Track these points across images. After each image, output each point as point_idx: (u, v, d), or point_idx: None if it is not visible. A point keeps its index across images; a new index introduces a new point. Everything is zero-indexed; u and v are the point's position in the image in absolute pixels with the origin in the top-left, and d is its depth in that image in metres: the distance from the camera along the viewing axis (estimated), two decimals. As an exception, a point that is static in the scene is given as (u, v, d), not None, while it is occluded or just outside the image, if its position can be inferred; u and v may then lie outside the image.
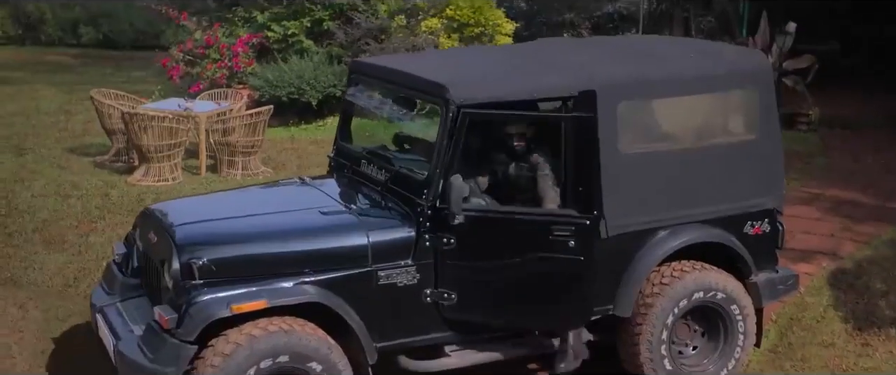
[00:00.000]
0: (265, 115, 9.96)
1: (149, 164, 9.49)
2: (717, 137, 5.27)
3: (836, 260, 7.53)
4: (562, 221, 4.66)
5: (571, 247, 4.63)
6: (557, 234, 4.63)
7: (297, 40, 12.48)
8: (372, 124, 7.99)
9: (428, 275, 4.78)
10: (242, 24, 12.91)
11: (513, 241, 4.76)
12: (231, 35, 12.73)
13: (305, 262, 4.64)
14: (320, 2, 12.32)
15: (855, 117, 12.70)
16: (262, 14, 12.68)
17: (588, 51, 5.52)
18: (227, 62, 12.35)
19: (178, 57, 12.65)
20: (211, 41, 12.55)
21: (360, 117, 6.13)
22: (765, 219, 5.38)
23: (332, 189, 5.33)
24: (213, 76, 12.31)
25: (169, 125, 9.46)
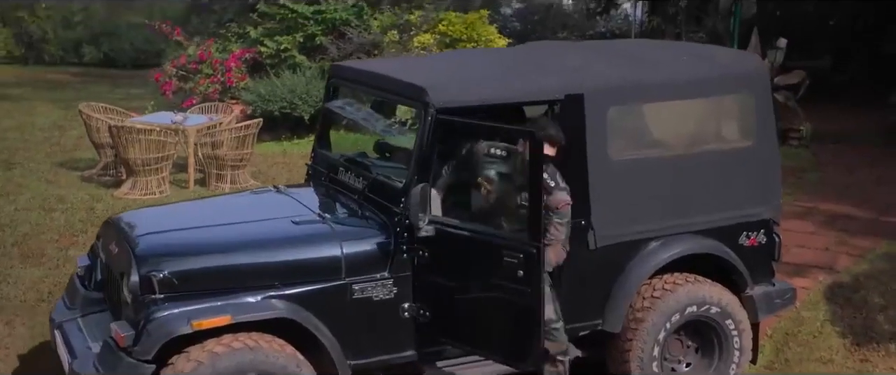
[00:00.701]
0: (254, 129, 9.58)
1: (136, 178, 9.11)
2: (712, 144, 4.87)
3: (832, 274, 7.12)
4: (512, 246, 4.14)
5: (520, 277, 4.11)
6: (508, 260, 4.12)
7: (289, 55, 12.13)
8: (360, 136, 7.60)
9: (405, 289, 4.37)
10: (236, 40, 12.55)
11: (473, 260, 4.30)
12: (224, 50, 12.38)
13: (275, 275, 4.23)
14: (313, 17, 11.95)
15: (847, 132, 12.35)
16: (255, 29, 12.33)
17: (578, 54, 5.12)
18: (220, 77, 11.98)
19: (172, 72, 12.28)
20: (204, 56, 12.20)
21: (341, 125, 5.69)
22: (761, 230, 4.97)
23: (307, 198, 4.92)
24: (206, 91, 11.94)
25: (156, 138, 9.08)
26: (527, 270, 4.04)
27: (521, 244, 4.07)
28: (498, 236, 4.21)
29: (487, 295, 4.22)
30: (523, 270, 4.04)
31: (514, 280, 4.07)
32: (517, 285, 4.07)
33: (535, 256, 4.00)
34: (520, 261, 4.04)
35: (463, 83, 4.54)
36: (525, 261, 4.03)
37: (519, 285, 4.07)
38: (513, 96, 4.46)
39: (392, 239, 4.35)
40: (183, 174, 9.70)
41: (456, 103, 4.30)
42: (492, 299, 4.21)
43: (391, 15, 12.23)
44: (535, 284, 4.03)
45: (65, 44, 20.86)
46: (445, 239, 4.25)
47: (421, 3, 12.40)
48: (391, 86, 4.68)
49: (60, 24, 20.82)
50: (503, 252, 4.09)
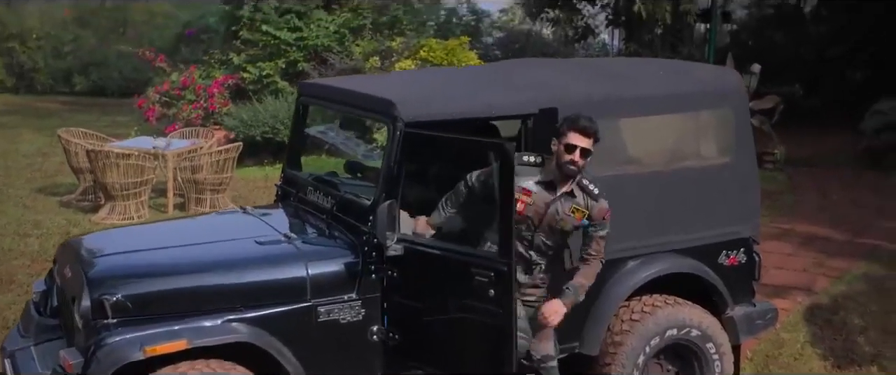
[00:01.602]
0: (234, 153, 9.25)
1: (114, 203, 8.75)
2: (690, 160, 4.55)
3: (810, 296, 6.85)
4: (482, 264, 3.78)
5: (491, 297, 3.75)
6: (479, 279, 3.77)
7: (272, 81, 11.83)
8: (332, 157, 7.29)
9: (374, 311, 4.02)
10: (219, 66, 12.24)
11: (443, 280, 3.95)
12: (208, 77, 12.07)
13: (236, 297, 3.87)
14: (296, 43, 11.67)
15: (819, 156, 12.19)
16: (238, 56, 12.03)
17: (553, 69, 4.82)
18: (203, 103, 11.67)
19: (155, 98, 11.94)
20: (187, 82, 11.87)
21: (312, 146, 5.37)
22: (741, 249, 4.66)
23: (274, 218, 4.56)
24: (189, 117, 11.61)
25: (135, 163, 8.73)
26: (498, 290, 3.70)
27: (491, 262, 3.74)
28: (468, 254, 3.87)
29: (458, 317, 3.87)
30: (494, 290, 3.70)
31: (485, 300, 3.73)
32: (488, 306, 3.73)
33: (507, 274, 3.67)
34: (491, 280, 3.71)
35: (433, 97, 4.23)
36: (496, 280, 3.69)
37: (490, 306, 3.73)
38: (484, 110, 4.15)
39: (360, 259, 4.01)
40: (163, 198, 9.35)
41: (425, 117, 3.99)
42: (463, 321, 3.86)
43: (373, 41, 11.97)
44: (507, 304, 3.69)
45: (55, 73, 20.56)
46: (415, 259, 3.92)
47: (402, 30, 12.15)
48: (360, 101, 4.37)
49: (51, 53, 20.53)
50: (473, 270, 3.76)
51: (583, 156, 3.84)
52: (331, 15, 12.01)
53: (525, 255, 3.97)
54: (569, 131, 3.83)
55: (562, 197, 3.94)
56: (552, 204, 3.92)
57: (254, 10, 11.86)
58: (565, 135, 3.84)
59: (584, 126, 3.82)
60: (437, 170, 4.52)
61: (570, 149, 3.84)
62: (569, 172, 3.88)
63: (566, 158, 3.84)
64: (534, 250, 3.99)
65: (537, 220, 3.93)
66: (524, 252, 3.97)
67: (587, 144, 3.84)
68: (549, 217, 3.93)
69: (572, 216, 3.94)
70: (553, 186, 3.93)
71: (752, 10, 17.36)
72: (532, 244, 3.97)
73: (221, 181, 9.11)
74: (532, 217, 3.92)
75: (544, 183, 3.93)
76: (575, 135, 3.82)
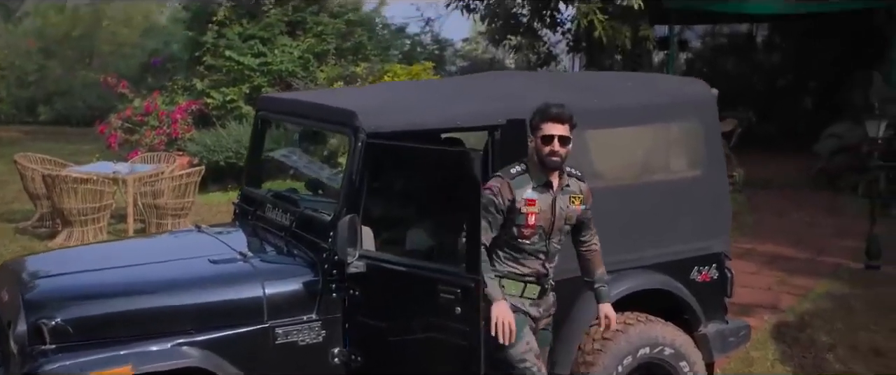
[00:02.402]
0: (196, 177, 8.86)
1: (72, 229, 8.32)
2: (659, 173, 4.31)
3: (777, 314, 6.64)
4: (448, 281, 3.48)
5: (457, 315, 3.45)
6: (444, 296, 3.47)
7: (235, 107, 11.48)
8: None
9: (335, 332, 3.70)
10: (182, 92, 11.86)
11: (408, 298, 3.64)
12: (171, 103, 11.67)
13: (187, 319, 3.53)
14: (259, 69, 11.35)
15: (776, 178, 12.10)
16: (201, 82, 11.66)
17: (521, 81, 4.57)
18: (166, 129, 11.26)
19: (117, 124, 11.51)
20: (150, 108, 11.47)
21: (270, 162, 5.06)
22: (712, 264, 4.42)
23: (230, 237, 4.24)
24: (152, 143, 11.20)
25: (93, 187, 8.31)
26: (465, 307, 3.40)
27: (458, 278, 3.44)
28: (434, 270, 3.57)
29: (424, 337, 3.56)
30: (461, 307, 3.40)
31: (451, 318, 3.43)
32: (455, 324, 3.43)
33: (474, 291, 3.37)
34: (457, 298, 3.41)
35: (396, 108, 3.96)
36: (463, 298, 3.39)
37: (457, 324, 3.43)
38: (450, 121, 3.88)
39: (320, 277, 3.69)
40: (123, 224, 8.91)
41: (388, 128, 3.70)
42: (428, 341, 3.55)
43: (337, 66, 11.69)
44: (474, 323, 3.39)
45: (18, 102, 19.95)
46: (378, 276, 3.61)
47: (367, 56, 11.88)
48: (320, 113, 4.08)
49: (15, 83, 19.92)
50: (439, 287, 3.46)
51: (562, 144, 3.54)
52: (295, 41, 11.71)
53: (542, 270, 3.67)
54: (541, 123, 3.55)
55: (560, 192, 3.65)
56: (556, 204, 3.63)
57: (217, 36, 11.53)
58: (539, 128, 3.55)
59: (556, 113, 3.53)
60: (400, 183, 4.23)
61: (547, 140, 3.53)
62: (553, 164, 3.56)
63: (546, 151, 3.53)
64: (549, 260, 3.69)
65: (548, 227, 3.63)
66: (541, 267, 3.67)
67: (563, 131, 3.54)
68: (558, 218, 3.64)
69: (574, 205, 3.68)
70: (549, 185, 3.63)
71: (706, 39, 17.42)
72: (548, 254, 3.68)
73: (183, 206, 8.71)
74: (543, 225, 3.62)
75: (539, 186, 3.61)
76: (549, 125, 3.53)
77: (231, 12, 11.44)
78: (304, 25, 11.55)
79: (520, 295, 3.65)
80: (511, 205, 3.54)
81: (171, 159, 10.01)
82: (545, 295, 3.73)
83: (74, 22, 22.01)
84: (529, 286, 3.67)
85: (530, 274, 3.66)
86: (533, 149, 3.60)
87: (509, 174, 3.59)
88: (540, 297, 3.71)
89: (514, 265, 3.64)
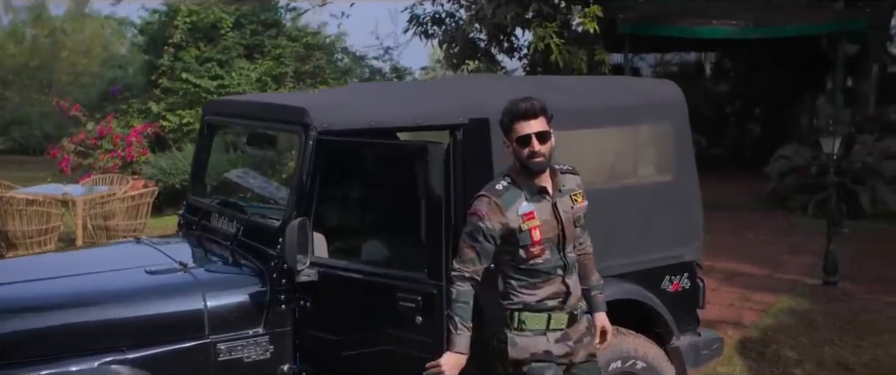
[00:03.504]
0: (148, 198, 8.38)
1: (17, 252, 7.73)
2: (629, 178, 3.97)
3: (740, 330, 6.34)
4: (408, 288, 3.09)
5: (418, 325, 3.08)
6: (404, 304, 3.07)
7: (192, 129, 10.96)
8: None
9: (284, 347, 3.29)
10: (137, 115, 11.32)
11: (364, 308, 3.25)
12: (126, 126, 11.13)
13: (119, 335, 3.09)
14: (216, 91, 10.89)
15: (728, 200, 11.93)
16: (157, 104, 11.14)
17: (485, 82, 4.22)
18: (121, 152, 10.70)
19: (70, 148, 10.93)
20: (104, 132, 10.92)
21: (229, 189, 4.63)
22: (684, 273, 4.07)
23: (172, 247, 3.80)
24: (106, 166, 10.63)
25: (40, 209, 7.77)
26: (426, 317, 3.00)
27: (418, 284, 3.04)
28: (392, 276, 3.17)
29: (382, 350, 3.15)
30: (422, 316, 3.01)
31: (412, 329, 3.03)
32: (416, 335, 3.03)
33: (436, 298, 2.97)
34: (418, 305, 3.01)
35: (350, 105, 3.57)
36: (423, 305, 3.00)
37: (418, 335, 3.02)
38: (408, 119, 3.50)
39: (268, 288, 3.28)
40: (72, 247, 8.35)
41: (341, 125, 3.32)
42: (387, 355, 3.15)
43: (296, 89, 11.27)
44: (437, 332, 2.99)
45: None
46: (331, 285, 3.20)
47: (325, 79, 11.48)
48: (268, 113, 3.68)
49: (-30, 113, 19.18)
50: (398, 295, 3.05)
51: (542, 142, 3.00)
52: (253, 63, 11.27)
53: (563, 288, 3.11)
54: (512, 123, 3.03)
55: (558, 195, 3.12)
56: (557, 209, 3.10)
57: (174, 59, 11.05)
58: (511, 130, 3.03)
59: (525, 108, 3.00)
60: (355, 184, 3.84)
61: (523, 141, 3.00)
62: (538, 166, 3.02)
63: (525, 154, 3.00)
64: (569, 275, 3.12)
65: (558, 237, 3.09)
66: (562, 284, 3.10)
67: (539, 126, 3.01)
68: (566, 224, 3.10)
69: (578, 204, 3.19)
70: (543, 191, 3.09)
71: (657, 68, 17.39)
72: (567, 267, 3.11)
73: (135, 227, 8.20)
74: (552, 237, 3.06)
75: (533, 195, 3.07)
76: (521, 124, 3.00)
77: (188, 35, 10.97)
78: (263, 48, 11.13)
79: (545, 329, 3.07)
80: (505, 228, 2.99)
81: (124, 181, 9.49)
82: (576, 323, 3.15)
83: (33, 52, 21.32)
84: (554, 315, 3.08)
85: (552, 298, 3.09)
86: (510, 154, 3.09)
87: (495, 192, 3.03)
88: (570, 326, 3.13)
89: (532, 292, 3.06)
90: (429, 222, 3.08)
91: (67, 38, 21.92)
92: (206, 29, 11.11)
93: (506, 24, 10.94)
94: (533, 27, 10.69)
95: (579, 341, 3.16)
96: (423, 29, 12.28)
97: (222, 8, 11.17)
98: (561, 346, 3.09)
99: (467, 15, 11.82)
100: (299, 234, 3.10)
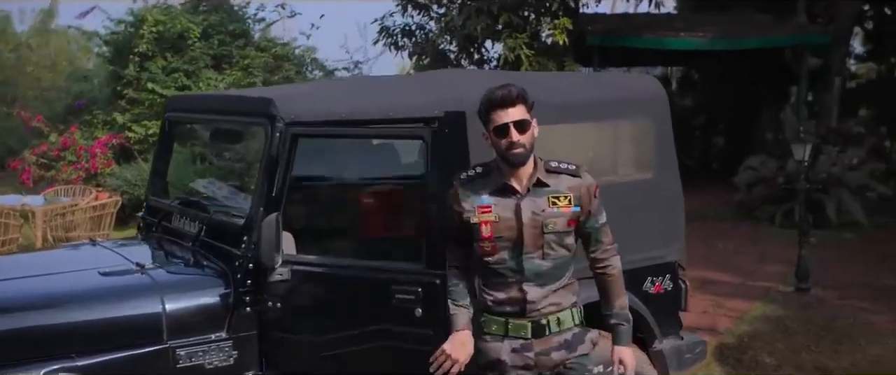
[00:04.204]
0: (111, 209, 8.04)
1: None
2: (609, 175, 3.77)
3: (716, 336, 6.18)
4: (403, 279, 2.89)
5: (418, 318, 2.88)
6: (400, 297, 2.87)
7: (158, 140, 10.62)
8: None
9: (249, 352, 3.04)
10: (102, 126, 10.96)
11: (348, 306, 3.03)
12: (90, 137, 10.76)
13: (68, 341, 2.83)
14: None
15: (697, 210, 11.78)
16: (122, 115, 10.78)
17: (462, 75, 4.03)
18: (85, 163, 10.33)
19: (32, 160, 10.53)
20: (67, 143, 10.54)
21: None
22: (666, 275, 3.91)
23: (129, 249, 3.55)
24: (69, 178, 10.25)
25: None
26: (426, 308, 2.80)
27: (417, 275, 2.83)
28: (383, 269, 2.94)
29: (369, 349, 2.92)
30: (422, 308, 2.80)
31: (411, 322, 2.82)
32: (415, 329, 2.82)
33: (438, 288, 2.76)
34: (417, 298, 2.80)
35: (319, 97, 3.36)
36: (423, 297, 2.80)
37: (418, 329, 2.82)
38: (380, 111, 3.27)
39: (231, 290, 3.03)
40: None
41: (309, 116, 3.10)
42: (376, 354, 2.92)
43: (263, 101, 10.99)
44: (439, 324, 2.76)
45: (-66, 147, 18.51)
46: (306, 284, 2.96)
47: (293, 90, 11.21)
48: (233, 106, 3.46)
49: (-70, 128, 18.50)
50: (392, 288, 2.83)
51: (521, 131, 2.76)
52: (221, 74, 10.98)
53: (519, 296, 2.81)
54: (489, 112, 2.80)
55: (529, 193, 2.82)
56: (521, 207, 2.80)
57: (140, 69, 10.72)
58: (488, 120, 2.80)
59: (501, 95, 2.77)
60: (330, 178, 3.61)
61: (501, 131, 2.76)
62: (517, 159, 2.77)
63: (503, 144, 2.76)
64: (534, 282, 2.81)
65: (515, 238, 2.79)
66: (518, 292, 2.80)
67: (518, 115, 2.76)
68: (529, 225, 2.79)
69: (558, 208, 2.82)
70: (511, 189, 2.82)
71: (624, 82, 17.42)
72: (524, 273, 2.80)
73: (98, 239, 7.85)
74: (505, 236, 2.79)
75: (499, 189, 2.82)
76: (498, 113, 2.77)
77: (154, 45, 10.66)
78: (231, 59, 10.85)
79: (503, 335, 2.80)
80: (461, 217, 2.79)
81: (87, 192, 9.14)
82: (546, 335, 2.82)
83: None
84: (513, 322, 2.80)
85: (508, 303, 2.80)
86: (489, 145, 2.85)
87: (459, 180, 2.84)
88: (536, 336, 2.80)
89: (491, 293, 2.81)
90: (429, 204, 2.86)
91: (32, 53, 21.36)
92: (173, 39, 10.80)
93: (476, 36, 10.80)
94: (503, 38, 10.56)
95: (546, 354, 2.83)
96: (393, 41, 12.11)
97: (189, 18, 10.88)
98: (518, 356, 2.80)
99: (437, 27, 11.66)
100: (276, 230, 2.86)
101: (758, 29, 12.02)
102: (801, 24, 12.39)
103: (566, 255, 2.86)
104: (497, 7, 10.40)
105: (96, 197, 8.75)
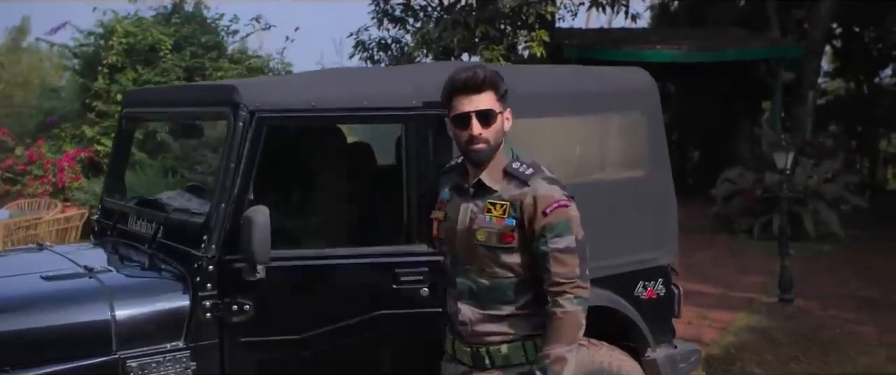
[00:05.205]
0: (77, 222, 7.68)
1: (-71, 278, 6.92)
2: (596, 173, 3.49)
3: (703, 347, 5.88)
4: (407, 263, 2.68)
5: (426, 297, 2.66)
6: (405, 279, 2.66)
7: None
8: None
9: (209, 363, 2.72)
10: (70, 140, 10.54)
11: (339, 301, 2.75)
12: (58, 151, 10.33)
13: (4, 350, 2.48)
14: (154, 115, 10.19)
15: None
16: (91, 128, 10.37)
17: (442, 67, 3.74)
18: (52, 177, 9.90)
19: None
20: (34, 157, 10.11)
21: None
22: (658, 279, 3.62)
23: (78, 253, 3.20)
24: (36, 193, 9.81)
25: (-45, 233, 7.01)
26: (432, 285, 2.65)
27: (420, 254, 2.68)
28: (383, 254, 2.74)
29: (369, 338, 2.72)
30: (429, 288, 2.67)
31: (417, 303, 2.67)
32: (423, 309, 2.68)
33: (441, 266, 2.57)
34: (425, 277, 2.66)
35: (287, 85, 3.07)
36: (430, 276, 2.65)
37: (426, 309, 2.67)
38: (353, 101, 2.97)
39: (191, 294, 2.70)
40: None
41: (277, 105, 2.80)
42: (379, 341, 2.74)
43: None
44: (440, 297, 2.59)
45: None
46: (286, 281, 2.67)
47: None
48: (195, 97, 3.16)
49: None
50: (397, 272, 2.68)
51: (485, 124, 2.36)
52: (193, 86, 10.62)
53: (455, 311, 2.43)
54: (451, 98, 2.40)
55: (475, 196, 2.43)
56: (463, 212, 2.42)
57: (109, 82, 10.34)
58: (450, 107, 2.41)
59: (465, 78, 2.36)
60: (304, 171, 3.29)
61: (461, 121, 2.37)
62: (477, 156, 2.38)
63: (464, 137, 2.38)
64: (468, 301, 2.40)
65: (452, 243, 2.43)
66: (454, 305, 2.44)
67: (483, 103, 2.36)
68: (462, 234, 2.40)
69: (490, 218, 2.37)
70: (462, 187, 2.47)
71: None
72: (457, 287, 2.44)
73: (61, 252, 7.47)
74: (445, 239, 2.46)
75: (456, 186, 2.49)
76: (460, 99, 2.37)
77: (124, 57, 10.29)
78: (203, 71, 10.49)
79: (452, 355, 2.47)
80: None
81: (52, 206, 8.74)
82: (484, 366, 2.39)
83: (-34, 84, 20.19)
84: (458, 344, 2.43)
85: (452, 319, 2.46)
86: (452, 136, 2.51)
87: (443, 169, 2.65)
88: (476, 367, 2.40)
89: (447, 301, 2.52)
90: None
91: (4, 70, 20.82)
92: (145, 51, 10.44)
93: (453, 48, 10.57)
94: (480, 50, 10.33)
95: None
96: (368, 55, 11.86)
97: (161, 30, 10.53)
98: None
99: (414, 40, 11.43)
100: (265, 225, 2.55)
101: (734, 42, 11.94)
102: (774, 38, 12.34)
103: (509, 276, 2.38)
104: (473, 19, 10.21)
105: (62, 211, 8.35)
